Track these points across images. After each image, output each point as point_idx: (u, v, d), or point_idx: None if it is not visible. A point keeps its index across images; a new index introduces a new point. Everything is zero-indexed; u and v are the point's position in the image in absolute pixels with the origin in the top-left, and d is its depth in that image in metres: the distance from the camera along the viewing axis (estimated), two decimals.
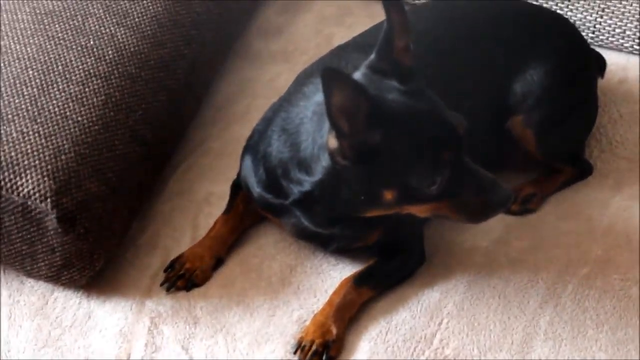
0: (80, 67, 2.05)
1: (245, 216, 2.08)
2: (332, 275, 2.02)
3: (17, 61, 2.05)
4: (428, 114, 1.76)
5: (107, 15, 2.15)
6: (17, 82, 2.01)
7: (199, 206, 2.14)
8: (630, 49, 2.42)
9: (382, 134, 1.72)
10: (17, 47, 2.08)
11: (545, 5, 2.40)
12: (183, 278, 2.01)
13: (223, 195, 2.12)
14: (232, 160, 2.13)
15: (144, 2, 2.20)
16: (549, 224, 2.11)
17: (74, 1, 2.17)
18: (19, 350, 1.95)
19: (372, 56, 1.80)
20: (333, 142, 1.73)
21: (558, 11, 2.39)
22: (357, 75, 1.80)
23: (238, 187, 2.08)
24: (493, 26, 2.12)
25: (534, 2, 2.39)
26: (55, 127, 1.95)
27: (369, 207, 1.82)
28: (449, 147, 1.76)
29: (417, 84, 1.79)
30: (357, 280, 1.97)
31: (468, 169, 1.78)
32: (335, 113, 1.67)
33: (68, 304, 1.99)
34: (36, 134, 1.94)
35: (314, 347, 1.89)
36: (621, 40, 2.42)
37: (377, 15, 1.80)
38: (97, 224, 1.92)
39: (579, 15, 2.42)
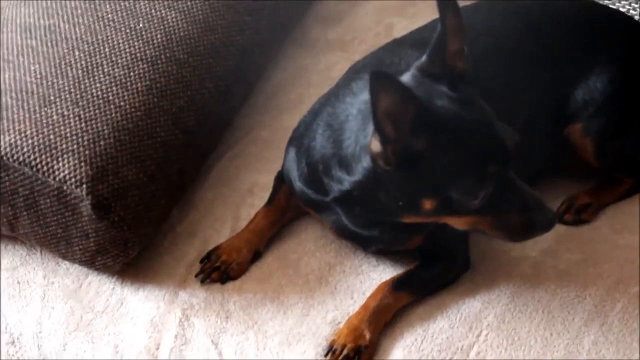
0: (127, 50, 2.02)
1: (286, 210, 2.04)
2: (372, 277, 1.97)
3: (64, 41, 2.02)
4: (477, 125, 1.69)
5: None
6: (63, 63, 1.99)
7: (242, 196, 2.11)
8: None
9: (427, 141, 1.66)
10: (66, 26, 2.05)
11: (615, 6, 2.30)
12: (218, 270, 1.97)
13: (267, 186, 2.08)
14: (280, 150, 2.08)
15: None
16: (603, 237, 2.03)
17: None
18: (50, 332, 1.94)
19: (424, 58, 1.74)
20: (376, 146, 1.67)
21: (630, 13, 2.29)
22: (407, 76, 1.74)
23: (282, 180, 2.04)
24: (557, 28, 2.04)
25: (604, 2, 2.28)
26: (97, 111, 1.92)
27: (407, 213, 1.77)
28: (495, 161, 1.68)
29: (469, 91, 1.72)
30: (396, 285, 1.91)
31: (513, 185, 1.71)
32: (381, 117, 1.61)
33: (101, 289, 1.98)
34: (77, 118, 1.91)
35: (345, 352, 1.85)
36: None
37: None
38: (132, 212, 1.90)
39: None
